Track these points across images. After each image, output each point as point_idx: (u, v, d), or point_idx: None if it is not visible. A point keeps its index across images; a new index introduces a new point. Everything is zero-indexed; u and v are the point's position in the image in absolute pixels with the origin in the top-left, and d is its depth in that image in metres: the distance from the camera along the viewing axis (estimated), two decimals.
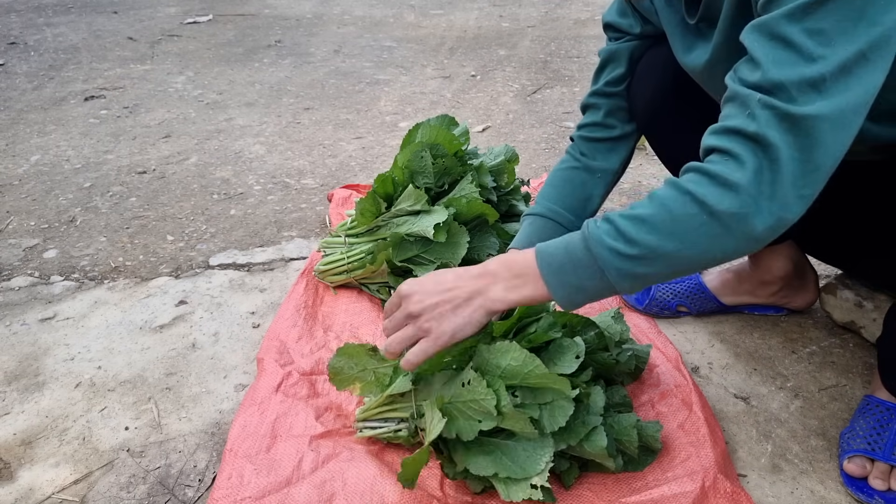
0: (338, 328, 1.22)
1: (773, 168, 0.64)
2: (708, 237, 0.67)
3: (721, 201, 0.65)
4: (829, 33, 0.61)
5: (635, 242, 0.69)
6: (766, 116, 0.64)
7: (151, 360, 1.18)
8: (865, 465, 0.91)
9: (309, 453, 0.91)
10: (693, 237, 0.68)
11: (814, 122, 0.62)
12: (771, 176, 0.64)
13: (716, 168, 0.67)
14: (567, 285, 0.75)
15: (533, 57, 3.37)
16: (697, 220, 0.67)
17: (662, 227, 0.68)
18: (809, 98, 0.62)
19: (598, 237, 0.72)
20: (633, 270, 0.71)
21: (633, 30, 1.07)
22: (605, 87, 1.11)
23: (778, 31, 0.64)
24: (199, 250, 1.56)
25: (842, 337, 1.22)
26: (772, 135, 0.63)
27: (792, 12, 0.62)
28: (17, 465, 0.96)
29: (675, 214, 0.68)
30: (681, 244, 0.68)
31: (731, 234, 0.66)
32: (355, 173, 2.00)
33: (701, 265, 0.71)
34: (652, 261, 0.70)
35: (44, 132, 2.38)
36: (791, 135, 0.63)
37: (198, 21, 4.35)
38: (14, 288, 1.42)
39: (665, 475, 0.88)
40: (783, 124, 0.63)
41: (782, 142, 0.63)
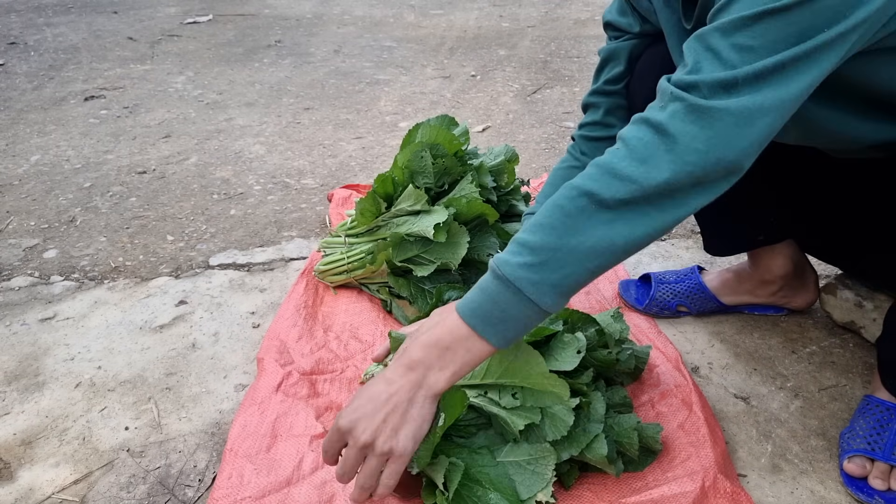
0: (338, 328, 1.22)
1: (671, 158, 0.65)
2: (602, 224, 0.67)
3: (607, 189, 0.67)
4: (757, 50, 0.63)
5: (537, 248, 0.68)
6: (674, 108, 0.66)
7: (151, 360, 1.18)
8: (865, 465, 0.91)
9: (309, 453, 0.91)
10: (589, 228, 0.67)
11: (717, 114, 0.64)
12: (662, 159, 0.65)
13: (606, 158, 0.69)
14: (494, 321, 0.71)
15: (533, 57, 3.37)
16: (587, 211, 0.67)
17: (558, 225, 0.68)
18: (718, 96, 0.64)
19: (503, 259, 0.70)
20: (546, 278, 0.68)
21: (632, 28, 1.08)
22: (604, 86, 1.12)
23: (710, 42, 0.66)
24: (199, 250, 1.56)
25: (842, 337, 1.22)
26: (674, 125, 0.65)
27: (725, 27, 0.65)
28: (17, 465, 0.96)
29: (567, 210, 0.68)
30: (580, 237, 0.67)
31: (624, 219, 0.67)
32: (355, 173, 2.00)
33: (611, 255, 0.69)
34: (559, 262, 0.68)
35: (44, 132, 2.38)
36: (694, 126, 0.64)
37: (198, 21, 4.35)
38: (14, 288, 1.42)
39: (665, 475, 0.88)
40: (688, 116, 0.65)
41: (683, 132, 0.65)
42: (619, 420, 0.88)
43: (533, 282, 0.68)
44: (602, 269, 0.70)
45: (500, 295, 0.70)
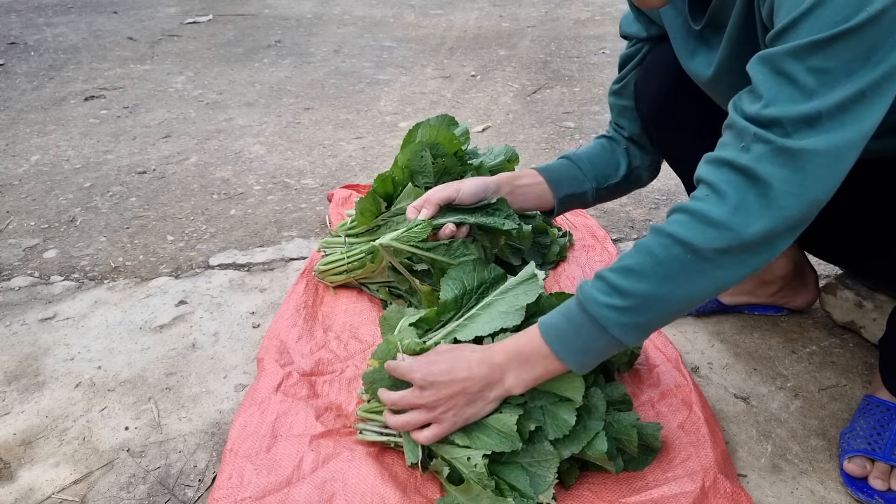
0: (338, 328, 1.22)
1: (763, 201, 0.64)
2: (697, 274, 0.68)
3: (702, 238, 0.66)
4: (834, 73, 0.62)
5: (628, 293, 0.70)
6: (760, 150, 0.64)
7: (151, 360, 1.18)
8: (865, 465, 0.91)
9: (309, 453, 0.91)
10: (683, 277, 0.68)
11: (808, 156, 0.63)
12: (759, 208, 0.65)
13: (697, 205, 0.68)
14: (577, 351, 0.76)
15: (533, 57, 3.37)
16: (682, 260, 0.68)
17: (651, 273, 0.69)
18: (804, 133, 0.63)
19: (591, 297, 0.73)
20: (634, 321, 0.71)
21: (642, 34, 1.10)
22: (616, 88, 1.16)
23: (783, 66, 0.64)
24: (199, 250, 1.56)
25: (842, 337, 1.22)
26: (763, 169, 0.64)
27: (798, 50, 0.63)
28: (17, 465, 0.96)
29: (660, 258, 0.69)
30: (673, 286, 0.69)
31: (719, 266, 0.67)
32: (355, 173, 2.00)
33: (702, 299, 0.71)
34: (650, 308, 0.71)
35: (44, 132, 2.38)
36: (786, 169, 0.63)
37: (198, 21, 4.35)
38: (14, 288, 1.42)
39: (665, 475, 0.88)
40: (777, 158, 0.64)
41: (776, 176, 0.64)
42: (618, 417, 0.88)
43: (620, 323, 0.72)
44: (689, 309, 0.73)
45: (584, 329, 0.74)
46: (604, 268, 0.74)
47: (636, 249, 0.72)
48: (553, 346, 0.77)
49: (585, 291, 0.74)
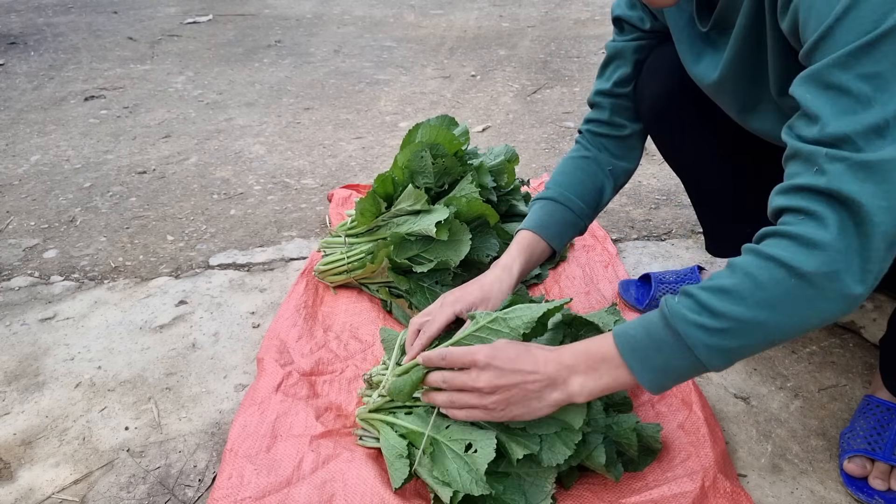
0: (338, 328, 1.22)
1: (859, 221, 0.60)
2: (800, 301, 0.63)
3: (808, 262, 0.62)
4: (885, 76, 0.59)
5: (722, 315, 0.65)
6: (838, 170, 0.61)
7: (151, 360, 1.18)
8: (865, 465, 0.91)
9: (309, 454, 0.91)
10: (784, 303, 0.64)
11: (888, 167, 0.59)
12: (857, 229, 0.61)
13: (796, 229, 0.63)
14: (654, 369, 0.71)
15: (533, 57, 3.37)
16: (785, 285, 0.63)
17: (749, 296, 0.64)
18: (876, 145, 0.60)
19: (679, 314, 0.68)
20: (723, 345, 0.66)
21: (643, 24, 1.05)
22: (612, 87, 1.11)
23: (831, 80, 0.61)
24: (199, 250, 1.56)
25: (842, 337, 1.22)
26: (848, 188, 0.60)
27: (844, 60, 0.60)
28: (17, 465, 0.96)
29: (761, 281, 0.64)
30: (772, 312, 0.64)
31: (824, 295, 0.62)
32: (355, 173, 2.00)
33: (797, 331, 0.66)
34: (743, 333, 0.66)
35: (44, 132, 2.38)
36: (871, 183, 0.60)
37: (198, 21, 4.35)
38: (14, 288, 1.42)
39: (665, 475, 0.88)
40: (859, 174, 0.60)
41: (862, 192, 0.60)
42: (618, 420, 0.88)
43: (707, 345, 0.67)
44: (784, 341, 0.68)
45: (667, 346, 0.69)
46: (692, 284, 0.70)
47: (731, 269, 0.67)
48: (627, 359, 0.72)
49: (672, 307, 0.69)
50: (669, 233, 1.62)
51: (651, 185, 1.90)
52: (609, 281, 1.37)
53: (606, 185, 1.12)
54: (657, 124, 1.12)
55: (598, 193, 1.12)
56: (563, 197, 1.08)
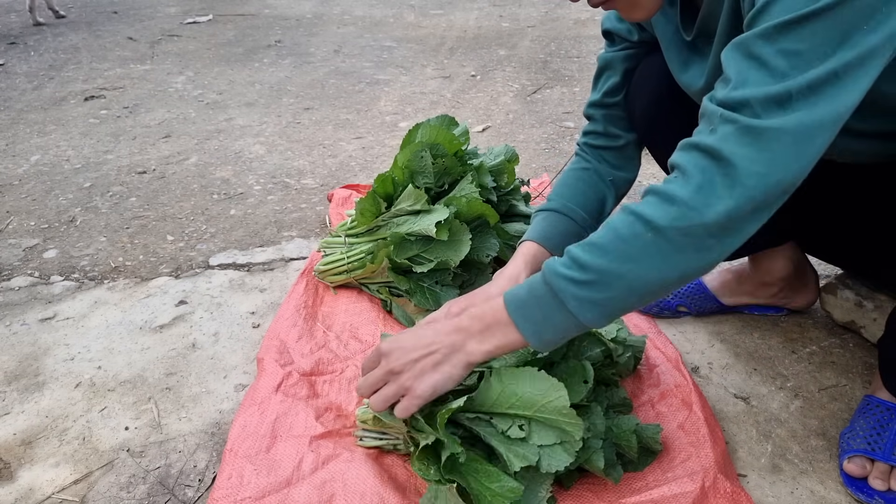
0: (338, 328, 1.22)
1: (727, 181, 0.63)
2: (656, 254, 0.66)
3: (663, 216, 0.65)
4: (805, 55, 0.60)
5: (587, 267, 0.69)
6: (726, 131, 0.63)
7: (151, 360, 1.18)
8: (865, 465, 0.91)
9: (309, 454, 0.91)
10: (643, 256, 0.67)
11: (774, 135, 0.61)
12: (722, 187, 0.63)
13: (664, 186, 0.67)
14: (533, 321, 0.74)
15: (533, 57, 3.37)
16: (644, 238, 0.66)
17: (612, 248, 0.68)
18: (772, 113, 0.61)
19: (553, 268, 0.72)
20: (590, 297, 0.69)
21: (631, 36, 1.07)
22: (602, 98, 1.11)
23: (753, 49, 0.63)
24: (199, 250, 1.56)
25: (842, 337, 1.22)
26: (728, 148, 0.62)
27: (768, 32, 0.61)
28: (17, 465, 0.96)
29: (622, 235, 0.68)
30: (633, 264, 0.67)
31: (678, 249, 0.66)
32: (355, 173, 2.00)
33: (660, 286, 0.69)
34: (607, 285, 0.69)
35: (44, 132, 2.38)
36: (751, 148, 0.62)
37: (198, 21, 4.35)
38: (14, 288, 1.42)
39: (665, 475, 0.88)
40: (743, 138, 0.62)
41: (740, 155, 0.62)
42: (618, 422, 0.88)
43: (577, 297, 0.70)
44: (652, 297, 0.70)
45: (544, 300, 0.72)
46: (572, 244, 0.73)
47: (604, 225, 0.71)
48: (513, 316, 0.75)
49: (549, 264, 0.73)
50: None
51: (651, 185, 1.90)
52: None
53: (608, 195, 1.13)
54: (649, 132, 1.13)
55: (600, 204, 1.13)
56: (566, 208, 1.09)
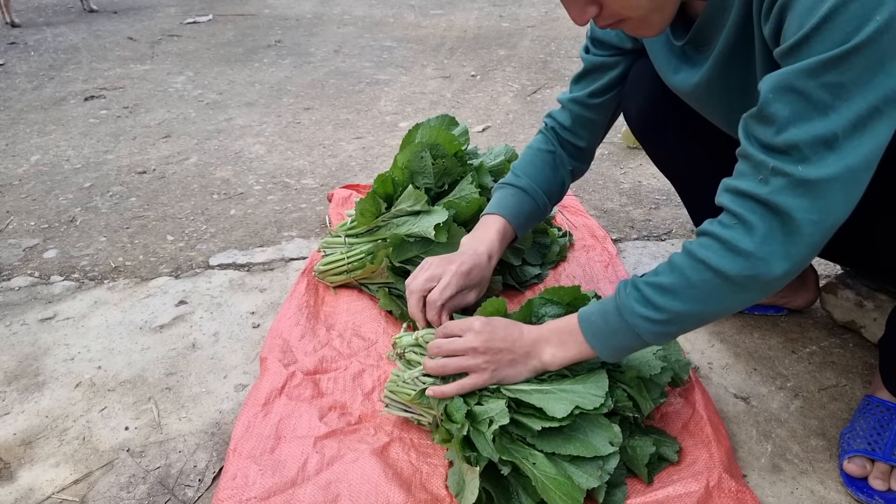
0: (340, 326, 1.22)
1: (787, 231, 0.67)
2: (726, 296, 0.73)
3: (732, 266, 0.70)
4: (847, 87, 0.61)
5: (662, 309, 0.76)
6: (779, 183, 0.66)
7: (151, 360, 1.18)
8: (865, 465, 0.91)
9: (314, 455, 0.91)
10: (713, 298, 0.73)
11: (827, 185, 0.64)
12: (784, 237, 0.67)
13: (726, 233, 0.70)
14: (609, 347, 0.83)
15: (533, 57, 3.37)
16: (713, 284, 0.72)
17: (684, 293, 0.74)
18: (822, 157, 0.63)
19: (629, 307, 0.79)
20: (665, 331, 0.78)
21: (623, 44, 1.06)
22: (586, 98, 1.12)
23: (796, 84, 0.63)
24: (199, 250, 1.56)
25: (842, 337, 1.22)
26: (784, 201, 0.65)
27: (812, 68, 0.62)
28: (17, 465, 0.96)
29: (693, 281, 0.73)
30: (703, 305, 0.74)
31: (747, 290, 0.72)
32: (355, 173, 2.00)
33: (727, 314, 0.78)
34: (680, 322, 0.77)
35: (44, 132, 2.38)
36: (806, 199, 0.65)
37: (198, 21, 4.35)
38: (14, 288, 1.42)
39: (670, 476, 0.88)
40: (797, 190, 0.65)
41: (796, 207, 0.65)
42: (635, 444, 0.88)
43: (652, 332, 0.78)
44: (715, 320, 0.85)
45: (620, 331, 0.81)
46: (640, 277, 0.80)
47: (671, 268, 0.76)
48: (589, 340, 0.84)
49: (623, 300, 0.80)
50: (669, 233, 1.62)
51: (651, 185, 1.90)
52: (609, 281, 1.37)
53: (566, 181, 1.20)
54: (644, 132, 1.13)
55: (560, 189, 1.19)
56: (533, 190, 1.14)
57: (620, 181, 1.93)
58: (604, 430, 0.84)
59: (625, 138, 2.21)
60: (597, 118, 1.14)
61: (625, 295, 0.80)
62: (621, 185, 1.90)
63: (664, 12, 0.77)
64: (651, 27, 0.79)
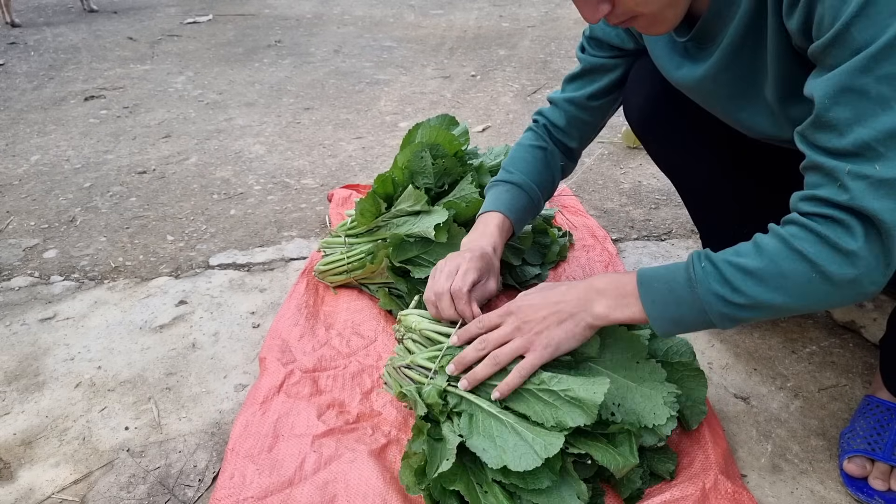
0: (339, 326, 1.22)
1: (881, 233, 0.63)
2: (818, 293, 0.68)
3: (838, 267, 0.65)
4: None
5: (743, 293, 0.70)
6: (860, 188, 0.63)
7: (151, 360, 1.18)
8: (865, 465, 0.91)
9: (311, 454, 0.91)
10: (802, 292, 0.68)
11: None
12: (880, 241, 0.64)
13: (824, 230, 0.66)
14: (667, 319, 0.76)
15: (533, 57, 3.37)
16: (807, 278, 0.67)
17: (771, 281, 0.69)
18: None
19: (704, 281, 0.72)
20: (737, 315, 0.72)
21: (624, 45, 1.05)
22: (584, 99, 1.12)
23: (850, 83, 0.61)
24: (199, 250, 1.56)
25: (842, 337, 1.22)
26: (871, 205, 0.62)
27: (863, 63, 0.60)
28: (17, 465, 0.96)
29: (785, 270, 0.68)
30: (789, 298, 0.69)
31: (842, 292, 0.67)
32: (355, 173, 2.00)
33: (803, 311, 0.72)
34: (757, 309, 0.71)
35: (44, 132, 2.38)
36: (890, 199, 0.62)
37: (198, 21, 4.35)
38: (14, 288, 1.42)
39: (667, 480, 0.88)
40: (880, 191, 0.62)
41: (883, 209, 0.62)
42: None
43: (723, 314, 0.72)
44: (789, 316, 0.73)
45: (685, 303, 0.74)
46: (717, 254, 0.73)
47: (757, 250, 0.70)
48: (647, 307, 0.77)
49: (699, 273, 0.73)
50: (669, 233, 1.62)
51: (651, 185, 1.90)
52: None
53: (557, 178, 1.19)
54: (645, 131, 1.13)
55: (551, 186, 1.19)
56: (528, 186, 1.13)
57: (620, 181, 1.93)
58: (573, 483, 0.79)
59: (625, 138, 2.21)
60: (592, 120, 1.14)
61: (700, 268, 0.73)
62: (621, 185, 1.90)
63: (677, 8, 0.76)
64: (663, 24, 0.78)
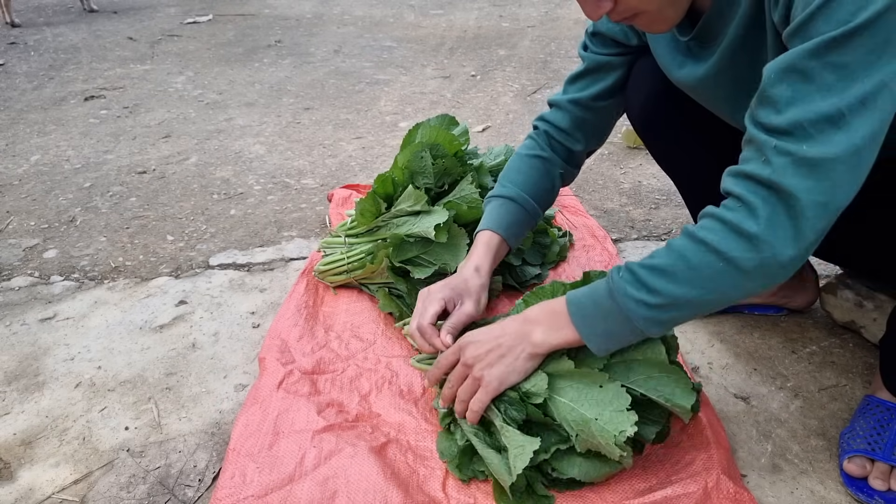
0: (339, 328, 1.22)
1: (792, 213, 0.64)
2: (727, 281, 0.69)
3: (741, 252, 0.67)
4: (852, 67, 0.60)
5: (658, 292, 0.72)
6: (782, 163, 0.64)
7: (151, 360, 1.18)
8: (865, 465, 0.91)
9: (311, 449, 0.91)
10: (713, 283, 0.70)
11: (832, 165, 0.62)
12: (789, 221, 0.65)
13: (729, 215, 0.68)
14: (598, 335, 0.79)
15: (533, 57, 3.37)
16: (715, 267, 0.69)
17: (682, 276, 0.71)
18: (827, 135, 0.62)
19: (622, 288, 0.75)
20: (658, 317, 0.74)
21: (628, 41, 1.04)
22: (588, 100, 1.10)
23: (799, 66, 0.63)
24: (199, 250, 1.56)
25: (842, 337, 1.22)
26: (788, 182, 0.64)
27: (815, 49, 0.61)
28: (17, 465, 0.96)
29: (693, 263, 0.70)
30: (702, 290, 0.70)
31: (751, 277, 0.68)
32: (355, 173, 2.00)
33: (726, 303, 0.73)
34: (676, 307, 0.73)
35: (44, 132, 2.38)
36: (811, 179, 0.63)
37: (198, 21, 4.35)
38: (14, 288, 1.42)
39: (669, 478, 0.88)
40: (801, 170, 0.63)
41: (801, 188, 0.63)
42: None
43: (645, 317, 0.74)
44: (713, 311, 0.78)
45: (611, 316, 0.77)
46: (634, 261, 0.76)
47: (668, 249, 0.73)
48: (577, 324, 0.79)
49: (616, 282, 0.76)
50: (669, 233, 1.62)
51: (651, 185, 1.90)
52: None
53: (556, 185, 1.17)
54: (646, 129, 1.12)
55: (549, 195, 1.17)
56: (521, 198, 1.12)
57: (620, 181, 1.93)
58: None
59: (625, 138, 2.21)
60: (598, 121, 1.12)
61: (618, 277, 0.76)
62: (621, 185, 1.90)
63: (677, 6, 0.77)
64: (665, 21, 0.78)
